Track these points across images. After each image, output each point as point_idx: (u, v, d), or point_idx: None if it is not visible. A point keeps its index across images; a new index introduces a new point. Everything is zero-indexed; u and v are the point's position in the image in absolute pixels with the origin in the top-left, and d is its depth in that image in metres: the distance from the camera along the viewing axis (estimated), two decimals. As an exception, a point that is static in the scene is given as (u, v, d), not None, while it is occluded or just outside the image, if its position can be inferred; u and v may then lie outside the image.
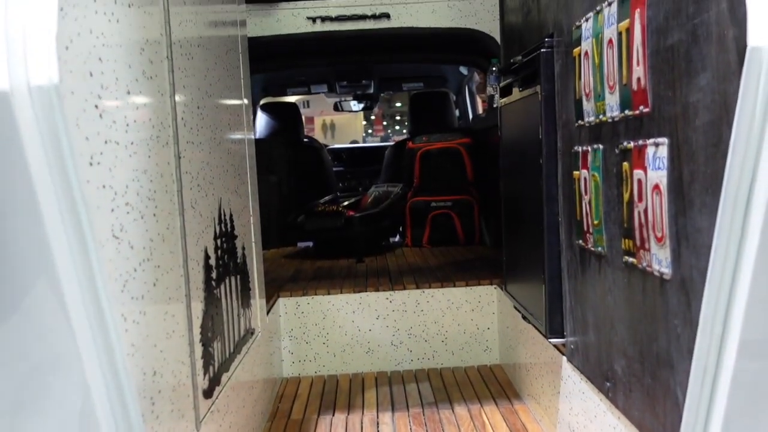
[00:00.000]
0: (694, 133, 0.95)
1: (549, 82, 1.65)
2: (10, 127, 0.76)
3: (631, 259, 1.21)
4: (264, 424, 2.17)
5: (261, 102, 4.90)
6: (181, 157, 1.34)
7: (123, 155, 1.03)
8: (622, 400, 1.30)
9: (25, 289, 0.85)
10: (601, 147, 1.33)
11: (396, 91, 6.44)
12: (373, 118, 16.89)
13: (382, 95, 5.85)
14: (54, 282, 0.84)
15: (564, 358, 1.72)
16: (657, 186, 1.07)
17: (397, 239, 4.06)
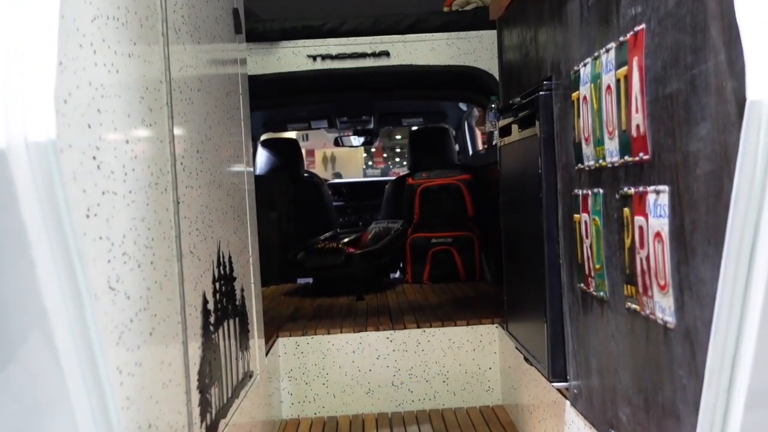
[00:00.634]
0: (695, 183, 0.95)
1: (548, 125, 1.66)
2: (6, 184, 0.75)
3: (634, 306, 1.19)
4: (262, 468, 2.13)
5: (261, 138, 4.93)
6: (180, 202, 1.33)
7: (121, 205, 1.02)
8: (628, 450, 1.27)
9: (18, 345, 0.83)
10: (601, 191, 1.33)
11: (396, 126, 6.48)
12: (373, 150, 16.98)
13: (382, 130, 5.89)
14: (48, 338, 0.83)
15: (567, 402, 1.69)
16: (659, 233, 1.06)
17: (397, 275, 4.04)
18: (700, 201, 0.93)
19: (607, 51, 1.24)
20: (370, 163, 17.85)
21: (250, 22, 2.82)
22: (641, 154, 1.12)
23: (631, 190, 1.17)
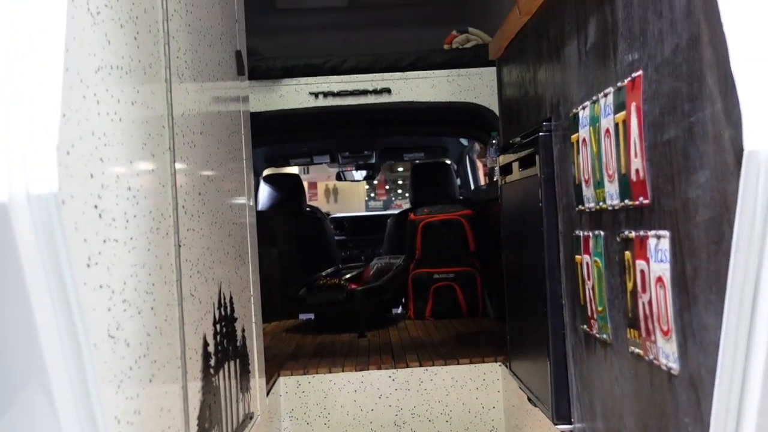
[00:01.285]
0: (696, 229, 0.95)
1: (548, 166, 1.66)
2: (7, 237, 0.76)
3: (637, 350, 1.18)
4: None
5: (263, 173, 4.95)
6: (181, 246, 1.33)
7: (122, 252, 1.02)
8: (634, 497, 1.25)
9: (16, 397, 0.83)
10: (602, 234, 1.33)
11: (397, 161, 6.51)
12: (375, 182, 17.03)
13: (383, 164, 5.92)
14: (46, 389, 0.82)
15: (572, 445, 1.66)
16: (660, 278, 1.06)
17: (399, 311, 4.02)
18: (701, 248, 0.93)
19: (605, 95, 1.25)
20: (373, 195, 17.89)
21: (253, 60, 2.86)
22: (641, 198, 1.12)
23: (632, 234, 1.17)
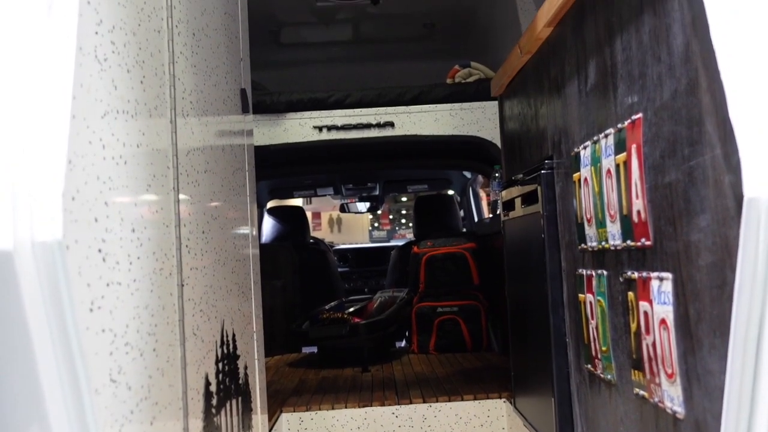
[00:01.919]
0: (698, 273, 0.95)
1: (550, 203, 1.67)
2: (11, 285, 0.76)
3: (642, 392, 1.17)
4: None
5: (267, 206, 4.97)
6: (184, 285, 1.34)
7: (125, 295, 1.02)
8: None
9: (17, 444, 0.82)
10: (605, 273, 1.33)
11: (401, 193, 6.54)
12: (379, 213, 17.07)
13: (387, 196, 5.94)
14: (46, 437, 0.82)
15: (578, 486, 1.64)
16: (664, 320, 1.06)
17: (403, 344, 3.99)
18: (704, 291, 0.93)
19: (605, 136, 1.26)
20: (376, 224, 17.91)
21: (258, 94, 2.89)
22: (643, 240, 1.12)
23: (635, 275, 1.17)
